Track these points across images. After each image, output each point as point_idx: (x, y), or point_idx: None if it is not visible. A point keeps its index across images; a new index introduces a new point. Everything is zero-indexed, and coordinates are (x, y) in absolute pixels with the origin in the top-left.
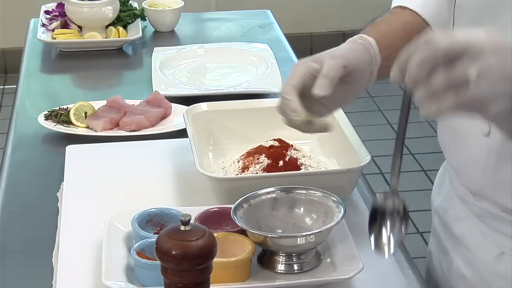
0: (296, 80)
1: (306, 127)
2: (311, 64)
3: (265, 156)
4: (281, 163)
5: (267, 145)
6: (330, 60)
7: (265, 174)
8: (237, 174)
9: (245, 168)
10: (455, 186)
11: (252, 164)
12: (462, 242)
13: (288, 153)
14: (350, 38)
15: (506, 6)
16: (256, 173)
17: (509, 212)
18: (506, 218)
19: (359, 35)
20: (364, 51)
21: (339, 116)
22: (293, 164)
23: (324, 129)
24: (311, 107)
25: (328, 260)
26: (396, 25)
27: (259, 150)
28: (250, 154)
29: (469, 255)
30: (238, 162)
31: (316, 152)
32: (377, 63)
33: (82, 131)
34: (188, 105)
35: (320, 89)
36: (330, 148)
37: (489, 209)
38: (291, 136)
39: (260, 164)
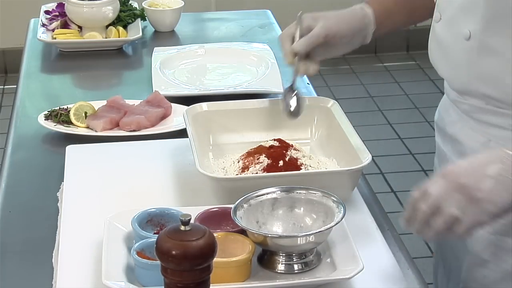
0: (289, 30)
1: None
2: (309, 22)
3: (265, 156)
4: (281, 163)
5: (267, 145)
6: (318, 28)
7: (265, 174)
8: (237, 174)
9: (245, 168)
10: (448, 92)
11: (252, 164)
12: (455, 138)
13: (288, 153)
14: (353, 6)
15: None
16: (256, 173)
17: (493, 103)
18: (490, 110)
19: (362, 4)
20: (357, 21)
21: (339, 116)
22: (293, 164)
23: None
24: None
25: (328, 260)
26: None
27: (259, 150)
28: (250, 154)
29: (461, 148)
30: (238, 162)
31: (316, 152)
32: (372, 28)
33: (82, 131)
34: (188, 105)
35: (297, 46)
36: (330, 148)
37: (475, 104)
38: (291, 136)
39: (260, 164)
